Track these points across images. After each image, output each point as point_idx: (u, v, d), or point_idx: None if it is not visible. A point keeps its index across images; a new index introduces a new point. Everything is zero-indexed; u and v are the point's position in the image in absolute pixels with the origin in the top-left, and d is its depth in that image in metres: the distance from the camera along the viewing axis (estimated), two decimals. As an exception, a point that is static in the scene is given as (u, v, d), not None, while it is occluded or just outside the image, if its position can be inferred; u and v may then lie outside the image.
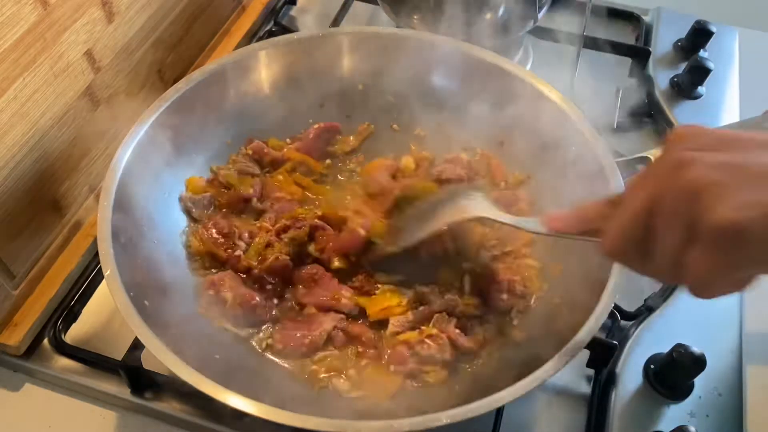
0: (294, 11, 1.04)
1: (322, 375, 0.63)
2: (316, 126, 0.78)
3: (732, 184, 0.35)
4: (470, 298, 0.66)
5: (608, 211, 0.45)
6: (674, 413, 0.63)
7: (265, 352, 0.64)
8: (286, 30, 0.96)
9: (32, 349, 0.67)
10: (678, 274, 0.39)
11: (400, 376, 0.62)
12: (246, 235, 0.69)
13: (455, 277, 0.68)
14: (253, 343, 0.65)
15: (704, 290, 0.39)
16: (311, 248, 0.69)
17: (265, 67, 0.76)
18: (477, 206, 0.63)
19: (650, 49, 0.94)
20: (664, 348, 0.65)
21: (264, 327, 0.65)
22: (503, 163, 0.76)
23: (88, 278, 0.71)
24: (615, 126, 0.85)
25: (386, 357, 0.63)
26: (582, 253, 0.65)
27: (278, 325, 0.66)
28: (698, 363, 0.62)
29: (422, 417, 0.50)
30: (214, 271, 0.68)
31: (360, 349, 0.65)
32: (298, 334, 0.64)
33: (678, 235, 0.38)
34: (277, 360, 0.64)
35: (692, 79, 0.90)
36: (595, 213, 0.48)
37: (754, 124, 0.65)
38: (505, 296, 0.66)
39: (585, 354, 0.65)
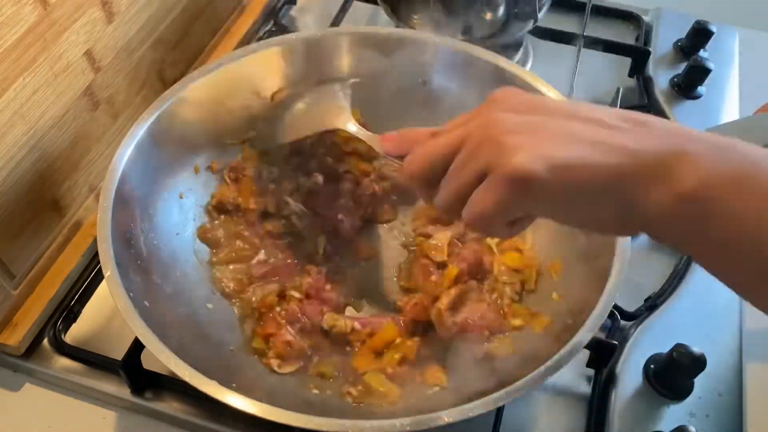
0: (294, 11, 1.04)
1: (324, 379, 0.63)
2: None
3: (527, 142, 0.42)
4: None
5: (428, 139, 0.50)
6: (674, 413, 0.63)
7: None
8: (286, 30, 0.96)
9: (32, 349, 0.67)
10: (456, 207, 0.46)
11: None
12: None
13: None
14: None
15: (481, 224, 0.44)
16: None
17: (265, 67, 0.76)
18: (337, 116, 0.68)
19: (650, 49, 0.94)
20: (664, 348, 0.65)
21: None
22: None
23: (88, 278, 0.71)
24: (615, 126, 0.85)
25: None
26: (582, 252, 0.65)
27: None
28: (698, 363, 0.62)
29: (423, 416, 0.50)
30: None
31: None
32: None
33: (473, 173, 0.44)
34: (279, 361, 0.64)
35: (692, 79, 0.90)
36: (420, 138, 0.52)
37: (753, 124, 0.66)
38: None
39: (585, 354, 0.65)
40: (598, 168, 0.40)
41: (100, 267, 0.57)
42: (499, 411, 0.61)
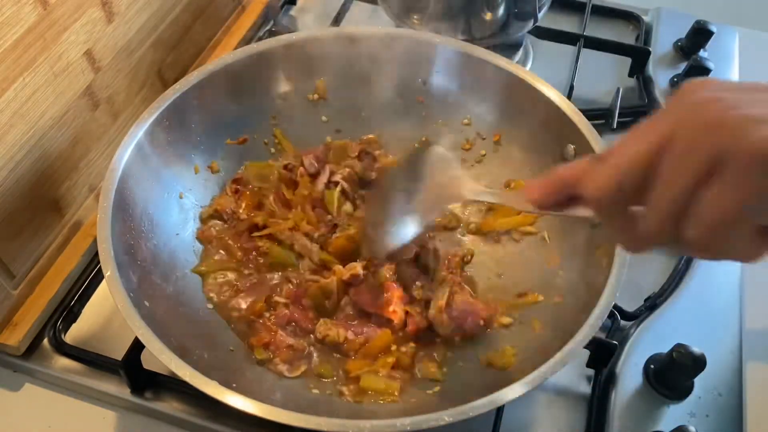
0: (294, 11, 1.04)
1: (324, 379, 0.63)
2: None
3: (763, 112, 0.32)
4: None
5: (594, 167, 0.38)
6: (674, 413, 0.63)
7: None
8: (286, 30, 0.96)
9: (32, 349, 0.67)
10: (676, 229, 0.34)
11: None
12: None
13: None
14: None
15: (721, 237, 0.33)
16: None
17: (264, 67, 0.76)
18: (458, 188, 0.58)
19: (650, 49, 0.94)
20: (664, 348, 0.65)
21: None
22: (501, 162, 0.76)
23: (88, 278, 0.71)
24: (615, 126, 0.85)
25: None
26: (582, 252, 0.65)
27: None
28: (698, 363, 0.62)
29: (423, 416, 0.50)
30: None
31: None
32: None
33: (694, 171, 0.33)
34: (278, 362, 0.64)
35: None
36: (579, 172, 0.40)
37: None
38: None
39: (585, 354, 0.65)
40: None
41: (100, 267, 0.57)
42: (499, 411, 0.61)
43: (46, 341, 0.68)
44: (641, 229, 0.36)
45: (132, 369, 0.63)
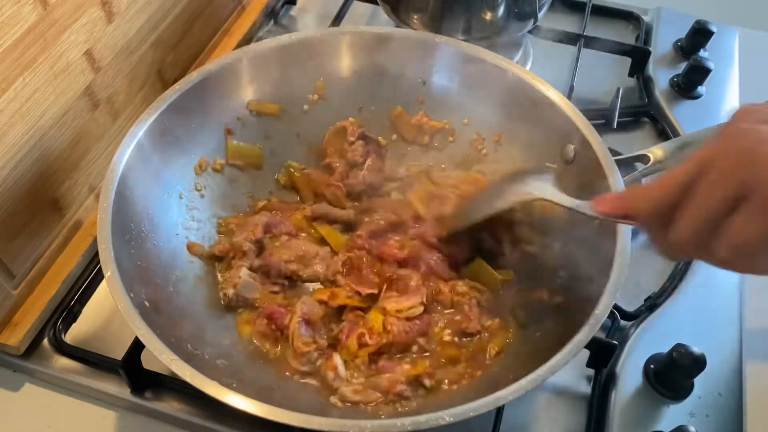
0: (294, 11, 1.04)
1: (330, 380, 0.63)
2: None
3: None
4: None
5: (645, 189, 0.44)
6: (674, 413, 0.63)
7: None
8: (286, 30, 0.96)
9: (32, 349, 0.67)
10: (701, 242, 0.38)
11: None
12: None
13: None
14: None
15: (744, 259, 0.37)
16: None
17: (265, 67, 0.76)
18: (539, 187, 0.64)
19: (650, 49, 0.94)
20: (664, 348, 0.65)
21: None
22: (501, 162, 0.76)
23: (88, 278, 0.71)
24: (615, 126, 0.85)
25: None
26: (582, 251, 0.65)
27: None
28: (698, 363, 0.62)
29: (423, 416, 0.50)
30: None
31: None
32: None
33: (723, 197, 0.36)
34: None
35: (692, 79, 0.90)
36: (645, 190, 0.45)
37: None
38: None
39: (585, 354, 0.65)
40: None
41: (100, 267, 0.57)
42: (499, 411, 0.61)
43: (46, 341, 0.68)
44: (671, 239, 0.40)
45: (132, 369, 0.63)
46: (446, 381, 0.63)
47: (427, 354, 0.65)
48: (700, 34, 0.94)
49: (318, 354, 0.64)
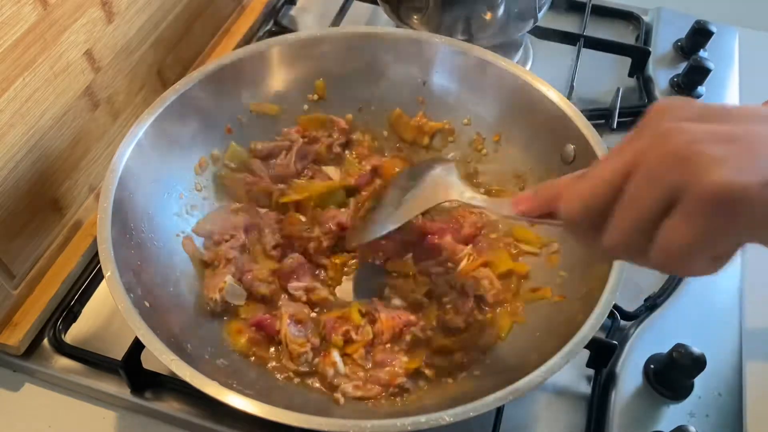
0: (294, 11, 1.04)
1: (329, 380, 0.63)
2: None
3: (724, 153, 0.33)
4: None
5: (569, 187, 0.41)
6: (674, 413, 0.63)
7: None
8: (286, 30, 0.96)
9: (32, 349, 0.67)
10: (635, 246, 0.37)
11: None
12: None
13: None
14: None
15: (679, 264, 0.36)
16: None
17: (265, 67, 0.76)
18: (448, 189, 0.63)
19: (650, 49, 0.94)
20: (664, 348, 0.65)
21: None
22: (501, 162, 0.76)
23: (88, 278, 0.71)
24: (615, 126, 0.85)
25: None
26: (582, 251, 0.65)
27: None
28: (698, 363, 0.62)
29: (423, 416, 0.50)
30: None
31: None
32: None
33: (654, 200, 0.35)
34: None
35: (692, 79, 0.90)
36: (563, 186, 0.43)
37: None
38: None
39: (585, 354, 0.65)
40: None
41: (100, 267, 0.57)
42: (499, 411, 0.61)
43: (46, 341, 0.68)
44: (603, 243, 0.39)
45: (132, 369, 0.63)
46: (446, 373, 0.63)
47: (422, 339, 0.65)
48: (700, 34, 0.94)
49: (314, 352, 0.64)
